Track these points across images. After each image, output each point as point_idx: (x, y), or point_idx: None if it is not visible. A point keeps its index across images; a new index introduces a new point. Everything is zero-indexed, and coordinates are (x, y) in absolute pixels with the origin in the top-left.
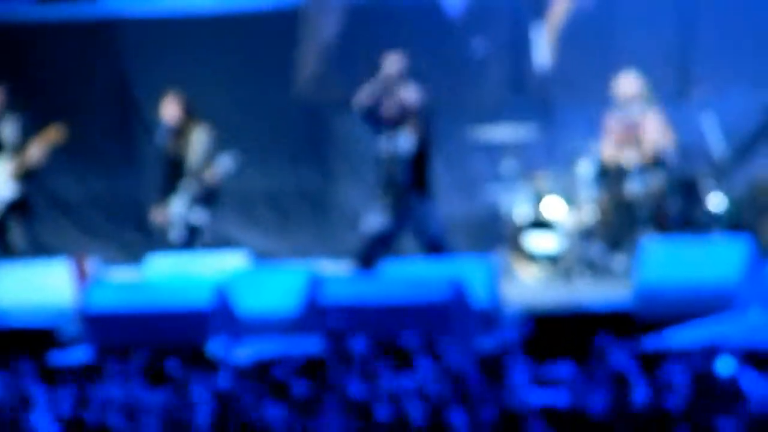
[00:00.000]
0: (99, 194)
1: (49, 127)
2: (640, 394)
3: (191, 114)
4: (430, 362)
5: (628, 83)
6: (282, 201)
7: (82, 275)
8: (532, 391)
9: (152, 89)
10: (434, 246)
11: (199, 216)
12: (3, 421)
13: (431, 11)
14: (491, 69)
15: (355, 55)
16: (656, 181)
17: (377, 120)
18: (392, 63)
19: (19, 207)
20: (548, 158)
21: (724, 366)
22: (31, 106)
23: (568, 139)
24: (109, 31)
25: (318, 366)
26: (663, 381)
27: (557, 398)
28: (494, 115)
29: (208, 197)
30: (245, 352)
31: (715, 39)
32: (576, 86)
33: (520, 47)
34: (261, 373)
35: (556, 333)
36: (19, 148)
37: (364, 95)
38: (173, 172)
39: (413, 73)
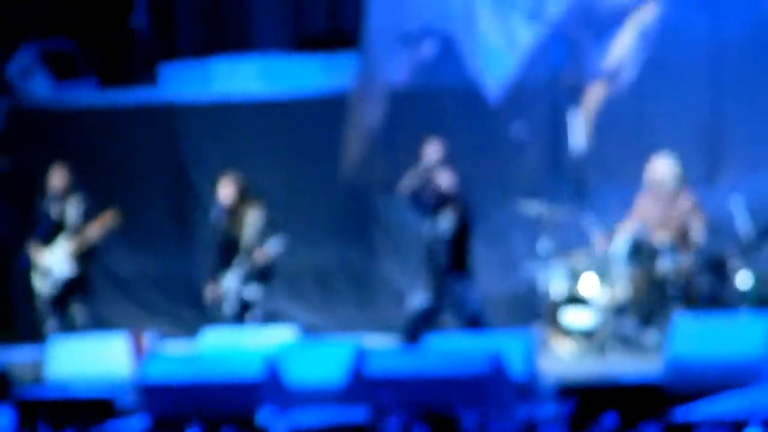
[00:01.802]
0: (155, 272)
1: (106, 211)
2: None
3: (245, 194)
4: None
5: (661, 166)
6: (329, 277)
7: (139, 349)
8: None
9: (207, 171)
10: (473, 321)
11: (252, 292)
12: None
13: (472, 96)
14: (530, 151)
15: (398, 139)
16: (687, 260)
17: (422, 204)
18: (433, 150)
19: (77, 283)
20: (583, 237)
21: None
22: (92, 187)
23: (602, 218)
24: (167, 116)
25: None
26: None
27: None
28: (532, 196)
29: (261, 274)
30: (294, 422)
31: (744, 125)
32: (610, 168)
33: (558, 130)
34: None
35: (591, 405)
36: (80, 228)
37: (408, 182)
38: (227, 249)
39: (453, 156)
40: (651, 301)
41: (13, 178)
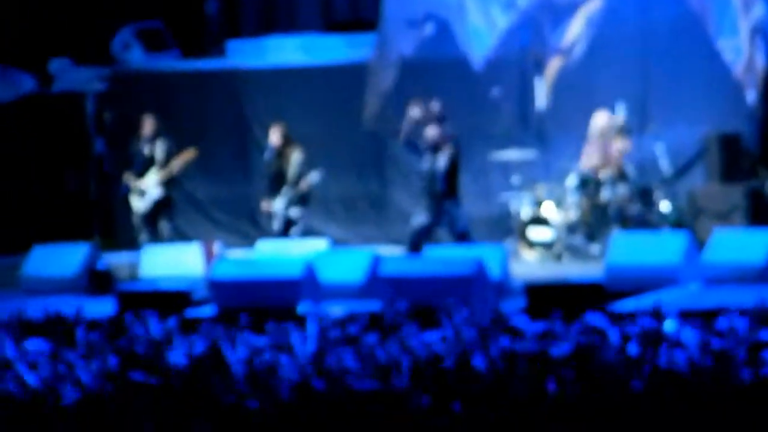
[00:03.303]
0: (223, 196)
1: (186, 148)
2: (610, 343)
3: (289, 139)
4: (459, 320)
5: (600, 119)
6: (353, 202)
7: (209, 255)
8: (531, 340)
9: (261, 120)
10: (462, 236)
11: (294, 213)
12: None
13: (461, 65)
14: (504, 108)
15: (406, 98)
16: (622, 191)
17: (414, 146)
18: (416, 108)
19: (164, 204)
20: (544, 174)
21: (669, 324)
22: (174, 133)
23: (559, 160)
24: (232, 79)
25: (377, 321)
26: (627, 334)
27: (550, 347)
28: (506, 142)
29: (302, 199)
30: (325, 312)
31: (666, 90)
32: (565, 121)
33: (526, 93)
34: (338, 326)
35: (550, 299)
36: (165, 163)
37: (402, 130)
38: (276, 180)
39: (447, 111)
40: (595, 222)
41: (115, 126)
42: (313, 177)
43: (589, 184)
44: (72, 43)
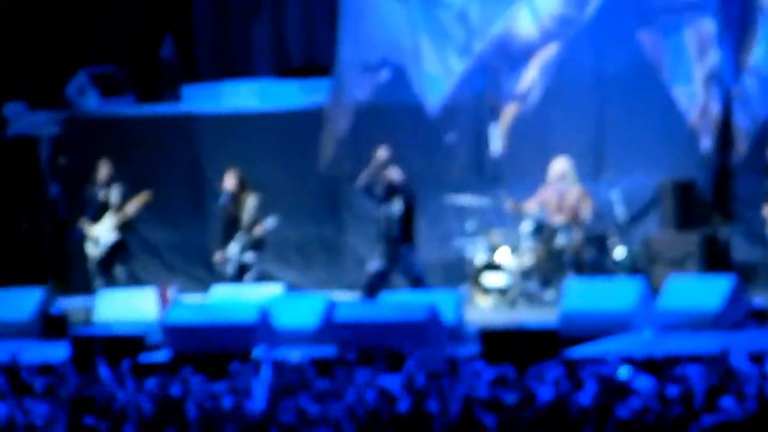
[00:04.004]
0: (177, 241)
1: (141, 192)
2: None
3: (244, 184)
4: (413, 365)
5: (559, 165)
6: (307, 247)
7: (164, 300)
8: (485, 386)
9: (216, 166)
10: (417, 282)
11: (249, 258)
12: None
13: (417, 111)
14: (460, 154)
15: (361, 143)
16: (577, 237)
17: (373, 194)
18: (380, 153)
19: (119, 248)
20: (499, 219)
21: (624, 371)
22: (129, 177)
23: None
24: (188, 124)
25: (332, 366)
26: (580, 381)
27: (503, 393)
28: (461, 187)
29: (256, 245)
30: (280, 356)
31: (621, 137)
32: (520, 167)
33: (481, 138)
34: (291, 372)
35: (504, 345)
36: (120, 207)
37: (362, 178)
38: (231, 225)
39: (402, 157)
40: (550, 268)
41: (70, 171)
42: (269, 222)
43: (544, 230)
44: (27, 88)
